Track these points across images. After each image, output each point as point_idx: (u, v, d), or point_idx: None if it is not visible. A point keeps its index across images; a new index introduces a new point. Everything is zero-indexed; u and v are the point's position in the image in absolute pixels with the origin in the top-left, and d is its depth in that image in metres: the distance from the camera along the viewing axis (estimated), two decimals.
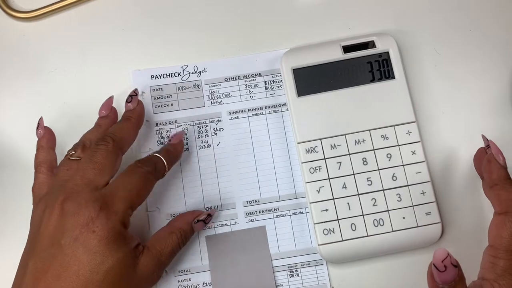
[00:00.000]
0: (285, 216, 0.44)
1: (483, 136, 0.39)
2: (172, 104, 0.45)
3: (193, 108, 0.45)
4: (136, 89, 0.43)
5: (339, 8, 0.47)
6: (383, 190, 0.42)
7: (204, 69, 0.46)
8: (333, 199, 0.42)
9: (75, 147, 0.39)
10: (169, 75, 0.46)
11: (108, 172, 0.37)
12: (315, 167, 0.42)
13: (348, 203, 0.41)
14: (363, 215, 0.41)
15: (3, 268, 0.43)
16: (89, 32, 0.47)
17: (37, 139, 0.41)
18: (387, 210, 0.41)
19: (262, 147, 0.45)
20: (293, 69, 0.44)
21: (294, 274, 0.43)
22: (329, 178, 0.42)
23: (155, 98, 0.45)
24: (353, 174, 0.42)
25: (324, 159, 0.42)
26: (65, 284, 0.33)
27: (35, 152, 0.41)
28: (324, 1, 0.48)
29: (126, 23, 0.47)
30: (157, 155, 0.40)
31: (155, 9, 0.47)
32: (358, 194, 0.42)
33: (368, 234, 0.41)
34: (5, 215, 0.44)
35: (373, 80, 0.44)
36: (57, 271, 0.33)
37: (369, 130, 0.43)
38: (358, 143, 0.42)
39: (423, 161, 0.42)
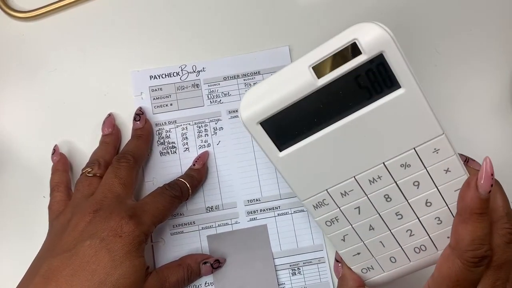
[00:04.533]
0: (287, 214, 0.44)
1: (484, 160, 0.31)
2: (171, 104, 0.45)
3: (192, 108, 0.45)
4: (141, 108, 0.45)
5: (339, 7, 0.47)
6: (418, 218, 0.34)
7: (203, 68, 0.46)
8: (363, 242, 0.36)
9: (90, 165, 0.41)
10: (168, 75, 0.46)
11: (131, 186, 0.40)
12: (331, 220, 0.35)
13: (380, 242, 0.35)
14: (401, 247, 0.35)
15: (4, 267, 0.44)
16: (88, 32, 0.46)
17: (52, 164, 0.44)
18: (428, 236, 0.35)
19: None
20: (261, 123, 0.32)
21: (296, 273, 0.43)
22: (351, 225, 0.35)
23: (154, 98, 0.45)
24: (378, 214, 0.34)
25: (339, 208, 0.35)
26: (78, 283, 0.34)
27: (51, 175, 0.43)
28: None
29: (124, 23, 0.46)
30: (182, 180, 0.42)
31: (152, 10, 0.47)
32: (390, 230, 0.35)
33: (411, 261, 0.36)
34: (4, 214, 0.44)
35: (370, 98, 0.31)
36: (74, 270, 0.35)
37: (383, 163, 0.33)
38: (373, 182, 0.33)
39: (463, 175, 0.33)
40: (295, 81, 0.31)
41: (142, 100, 0.45)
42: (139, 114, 0.44)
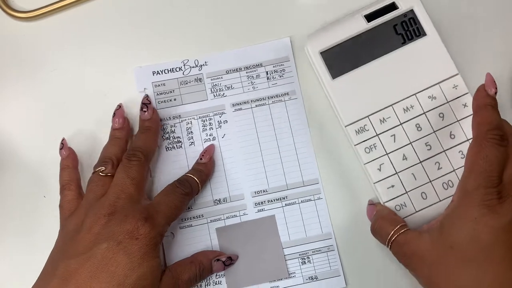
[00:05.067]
0: (294, 204, 0.44)
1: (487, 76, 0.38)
2: (175, 99, 0.45)
3: (196, 102, 0.45)
4: (148, 96, 0.44)
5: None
6: (444, 151, 0.41)
7: (205, 62, 0.46)
8: (397, 173, 0.41)
9: (103, 164, 0.40)
10: (170, 70, 0.46)
11: (143, 185, 0.40)
12: (369, 146, 0.42)
13: (412, 173, 0.41)
14: (430, 181, 0.41)
15: (4, 267, 0.42)
16: (89, 31, 0.46)
17: (61, 158, 0.43)
18: (453, 170, 0.41)
19: (267, 137, 0.45)
20: (321, 52, 0.43)
21: (306, 261, 0.43)
22: (387, 154, 0.41)
23: (157, 94, 0.45)
24: (410, 143, 0.41)
25: (377, 135, 0.42)
26: (97, 285, 0.34)
27: (60, 171, 0.42)
28: None
29: (125, 21, 0.47)
30: (191, 176, 0.42)
31: (153, 5, 0.47)
32: (420, 162, 0.41)
33: (441, 199, 0.40)
34: (4, 214, 0.44)
35: (404, 43, 0.42)
36: (92, 272, 0.34)
37: (415, 94, 0.42)
38: (407, 111, 0.42)
39: None
40: (350, 24, 0.43)
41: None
42: (146, 104, 0.43)
